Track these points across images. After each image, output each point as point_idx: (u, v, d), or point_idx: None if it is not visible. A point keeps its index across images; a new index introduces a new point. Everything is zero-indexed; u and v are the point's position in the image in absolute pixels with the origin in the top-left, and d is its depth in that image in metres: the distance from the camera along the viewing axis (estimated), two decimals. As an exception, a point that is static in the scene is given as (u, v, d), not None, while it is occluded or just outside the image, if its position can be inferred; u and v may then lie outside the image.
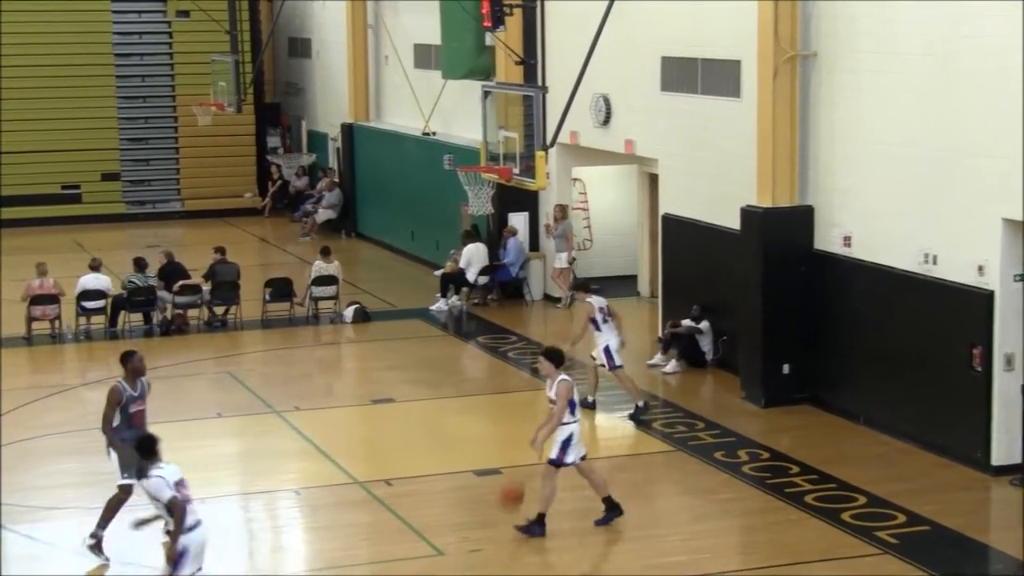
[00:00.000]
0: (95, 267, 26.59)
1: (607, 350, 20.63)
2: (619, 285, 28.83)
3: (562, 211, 28.26)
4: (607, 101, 26.19)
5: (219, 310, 27.14)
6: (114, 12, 40.28)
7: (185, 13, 39.99)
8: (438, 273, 28.91)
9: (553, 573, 15.20)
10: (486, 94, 26.36)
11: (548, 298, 28.68)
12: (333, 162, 39.06)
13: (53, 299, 25.98)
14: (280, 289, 27.62)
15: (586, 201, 30.01)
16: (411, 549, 15.88)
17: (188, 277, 27.26)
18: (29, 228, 37.72)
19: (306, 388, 23.02)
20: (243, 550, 16.40)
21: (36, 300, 25.89)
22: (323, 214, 37.16)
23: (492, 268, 28.37)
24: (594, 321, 20.62)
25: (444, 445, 19.84)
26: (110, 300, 26.37)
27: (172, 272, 27.16)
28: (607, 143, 26.58)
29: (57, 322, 26.14)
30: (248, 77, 37.77)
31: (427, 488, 17.95)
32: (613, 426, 20.85)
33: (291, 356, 25.39)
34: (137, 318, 26.66)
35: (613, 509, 16.42)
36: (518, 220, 28.97)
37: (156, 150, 40.94)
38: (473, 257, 28.21)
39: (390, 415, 21.53)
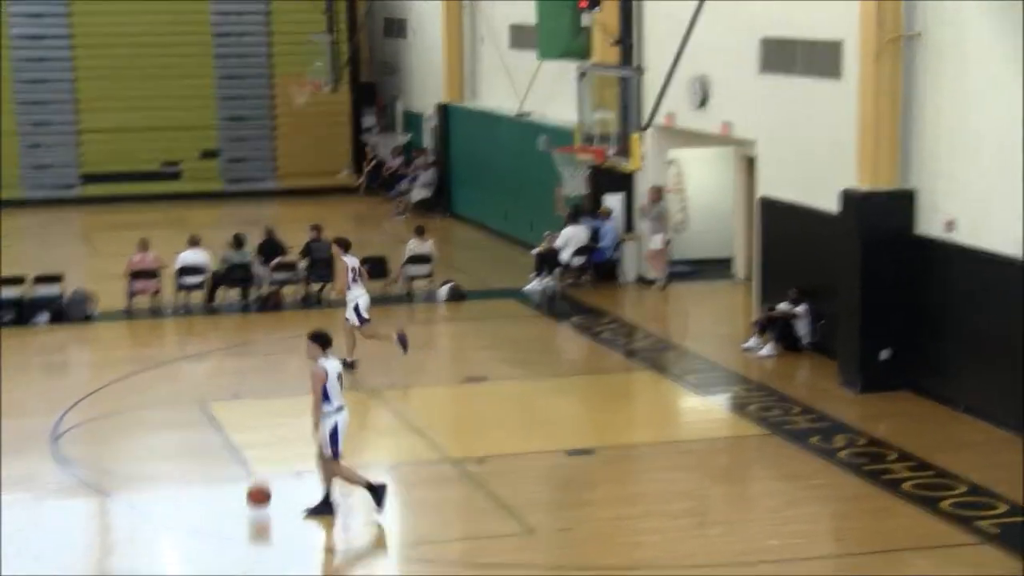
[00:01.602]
0: (194, 243, 26.86)
1: (356, 308, 21.86)
2: (713, 267, 28.74)
3: (657, 193, 28.17)
4: (704, 82, 26.06)
5: (315, 287, 27.32)
6: (213, -9, 40.68)
7: (284, -7, 40.28)
8: (533, 253, 28.91)
9: (644, 554, 15.17)
10: (582, 75, 26.34)
11: (642, 280, 28.60)
12: (428, 142, 39.16)
13: (153, 274, 26.29)
14: (375, 267, 27.73)
15: (681, 183, 29.88)
16: (502, 527, 15.93)
17: (285, 254, 27.47)
18: (130, 204, 38.18)
19: (400, 365, 23.07)
20: (338, 523, 16.51)
21: (137, 275, 26.21)
22: (418, 193, 37.29)
23: (588, 249, 28.34)
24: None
25: (536, 424, 19.87)
26: (209, 276, 26.63)
27: (270, 249, 27.38)
28: (704, 125, 26.45)
29: (157, 296, 26.43)
30: (344, 57, 37.96)
31: (519, 467, 17.98)
32: (708, 408, 20.79)
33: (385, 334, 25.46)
34: (234, 294, 26.90)
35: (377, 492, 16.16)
36: (613, 201, 28.91)
37: (254, 128, 41.26)
38: (572, 238, 28.18)
39: (483, 394, 21.59)
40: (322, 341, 15.99)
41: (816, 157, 22.74)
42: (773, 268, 24.16)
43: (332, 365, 15.92)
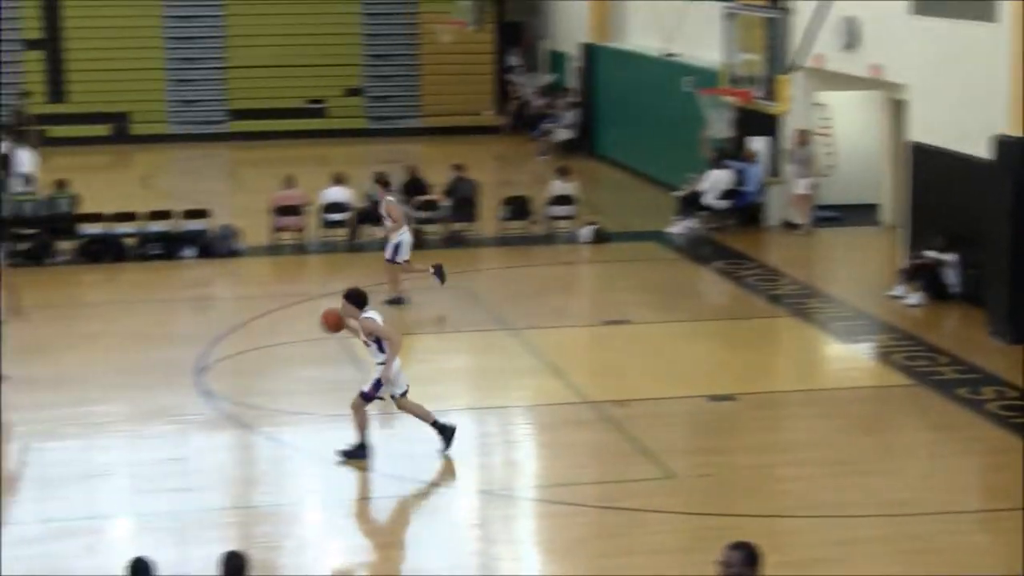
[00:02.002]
0: (339, 180, 27.02)
1: (397, 246, 22.27)
2: (860, 213, 28.29)
3: (804, 136, 27.77)
4: (854, 24, 25.57)
5: (457, 226, 27.38)
6: (361, -72, 40.75)
7: (430, -69, 40.24)
8: (676, 195, 28.69)
9: (785, 502, 15.04)
10: (729, 15, 26.02)
11: (787, 224, 28.25)
12: (573, 82, 38.98)
13: (298, 210, 26.51)
14: (517, 207, 27.75)
15: (829, 127, 29.40)
16: (641, 470, 15.88)
17: (428, 192, 27.54)
18: (274, 141, 38.52)
19: (541, 306, 23.09)
20: (474, 463, 16.59)
21: (282, 210, 26.45)
22: (561, 134, 37.17)
23: (732, 193, 28.05)
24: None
25: (678, 369, 19.77)
26: (352, 213, 26.80)
27: (413, 187, 27.48)
28: (852, 67, 25.98)
29: (301, 232, 26.66)
30: (490, -5, 37.90)
31: (659, 411, 17.91)
32: (853, 357, 20.53)
33: (527, 274, 25.51)
34: (377, 231, 26.99)
35: (444, 432, 16.27)
36: (758, 144, 28.56)
37: (398, 67, 41.35)
38: (715, 181, 27.90)
39: (624, 336, 21.51)
40: (357, 300, 15.90)
41: (968, 102, 22.23)
42: (922, 215, 23.72)
43: (378, 317, 15.98)
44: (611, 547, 14.06)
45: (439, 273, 22.84)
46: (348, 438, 16.88)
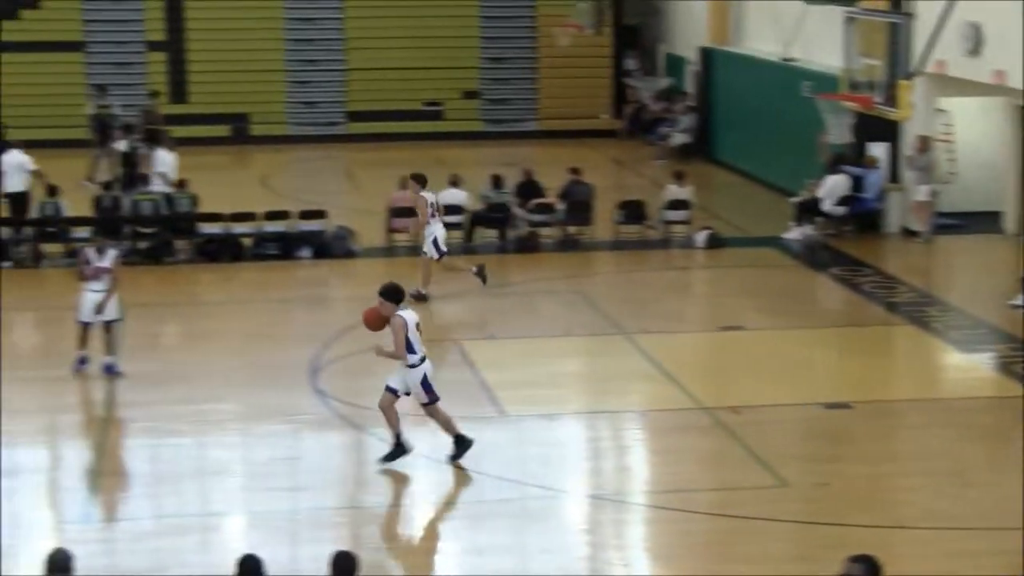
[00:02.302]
0: (454, 182, 27.07)
1: (434, 241, 22.68)
2: (982, 221, 27.84)
3: (925, 143, 27.37)
4: (978, 29, 25.15)
5: (572, 229, 27.32)
6: (480, -69, 40.84)
7: (550, -66, 40.22)
8: (794, 201, 28.41)
9: (901, 512, 14.81)
10: (849, 20, 25.75)
11: (906, 231, 27.87)
12: (690, 86, 38.77)
13: (414, 211, 26.52)
14: (633, 211, 27.64)
15: (950, 133, 28.98)
16: (755, 478, 15.72)
17: (543, 195, 27.51)
18: (391, 143, 38.67)
19: (655, 311, 22.98)
20: (587, 467, 16.53)
21: (397, 212, 26.54)
22: (678, 138, 36.98)
23: (850, 199, 27.72)
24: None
25: (793, 376, 19.54)
26: (468, 215, 26.83)
27: (528, 190, 27.46)
28: (975, 73, 25.54)
29: (417, 234, 26.68)
30: (608, -1, 37.83)
31: (774, 418, 17.72)
32: (972, 366, 20.19)
33: (641, 278, 25.40)
34: (492, 233, 27.06)
35: (461, 444, 16.08)
36: (878, 150, 28.20)
37: (515, 69, 41.36)
38: (834, 187, 27.57)
39: (739, 342, 21.32)
40: (393, 296, 15.83)
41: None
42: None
43: (410, 316, 15.83)
44: (722, 555, 13.94)
45: (481, 274, 23.19)
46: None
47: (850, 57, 25.92)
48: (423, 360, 15.84)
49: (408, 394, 16.00)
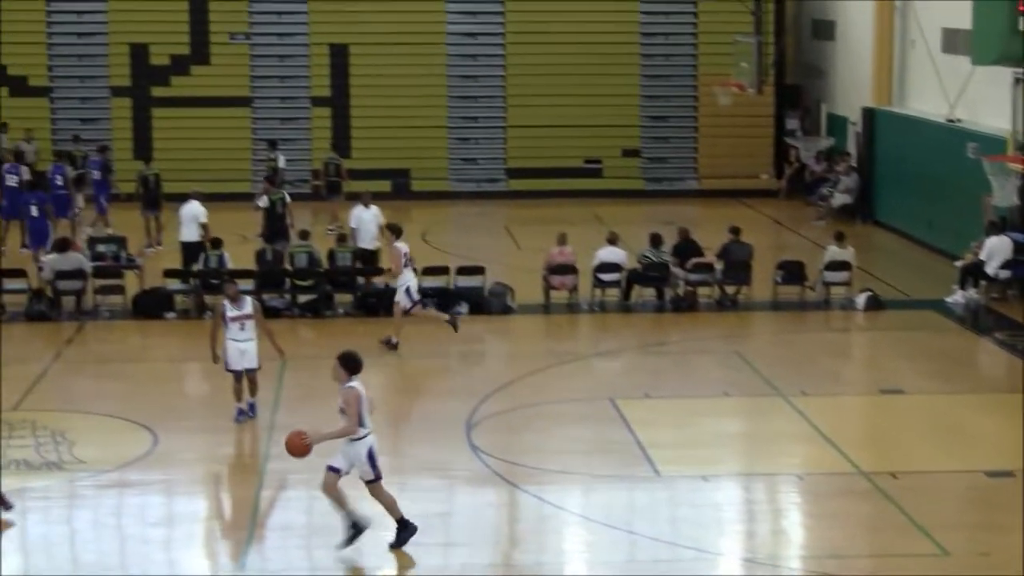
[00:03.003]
0: (612, 241, 27.05)
1: (407, 290, 23.30)
2: None
3: (1094, 206, 26.75)
4: None
5: (730, 289, 27.13)
6: (642, -9, 40.96)
7: (712, -7, 40.22)
8: (957, 264, 27.91)
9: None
10: (1017, 81, 25.31)
11: (1074, 296, 27.22)
12: (852, 146, 38.38)
13: (571, 269, 26.58)
14: (792, 272, 27.36)
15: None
16: (914, 545, 15.42)
17: (702, 255, 27.37)
18: (550, 200, 38.81)
19: (814, 373, 22.70)
20: (741, 530, 16.33)
21: (555, 270, 26.57)
22: (839, 198, 36.59)
23: (1016, 262, 27.15)
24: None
25: (955, 441, 19.15)
26: (625, 273, 26.78)
27: (686, 249, 27.34)
28: None
29: (574, 292, 26.71)
30: (770, 58, 37.63)
31: (934, 484, 17.38)
32: None
33: (800, 340, 25.12)
34: (650, 293, 26.96)
35: (405, 529, 15.36)
36: (1046, 213, 27.64)
37: (676, 128, 41.30)
38: (996, 250, 27.04)
39: (899, 406, 20.97)
40: (351, 364, 15.18)
41: None
42: None
43: (360, 388, 15.18)
44: (879, 624, 13.66)
45: (453, 323, 23.81)
46: (613, 499, 16.87)
47: (1018, 118, 25.44)
48: (369, 434, 15.22)
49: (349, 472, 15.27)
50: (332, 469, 15.21)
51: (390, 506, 15.41)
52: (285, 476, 17.55)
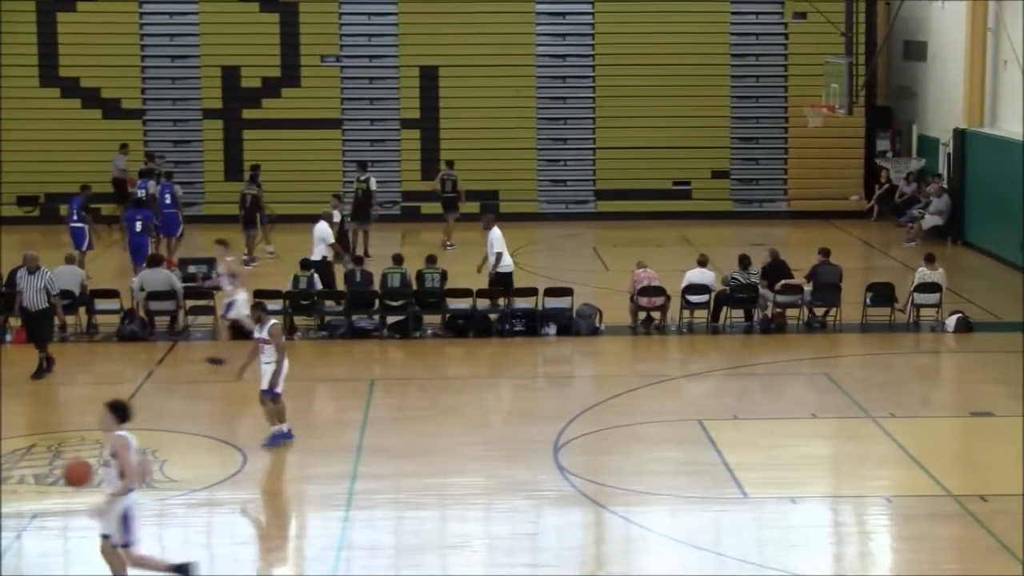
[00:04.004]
0: (702, 263, 27.00)
1: (231, 304, 23.57)
2: None
3: None
4: None
5: (819, 311, 27.00)
6: (732, 14, 40.79)
7: (802, 15, 40.03)
8: (1049, 286, 27.64)
9: None
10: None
11: None
12: (943, 167, 38.09)
13: (659, 290, 26.54)
14: (881, 293, 27.19)
15: None
16: (1005, 569, 15.30)
17: (791, 276, 27.26)
18: (639, 221, 38.81)
19: (903, 395, 22.55)
20: (829, 552, 16.26)
21: (643, 291, 26.56)
22: (930, 220, 36.32)
23: (1109, 284, 26.87)
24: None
25: (1046, 466, 18.95)
26: (713, 295, 26.73)
27: (775, 271, 27.24)
28: None
29: (662, 313, 26.66)
30: (861, 79, 37.42)
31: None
32: None
33: (889, 362, 24.94)
34: (738, 314, 26.89)
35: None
36: None
37: (765, 149, 41.16)
38: (1089, 272, 26.77)
39: (989, 429, 20.78)
40: (120, 413, 14.22)
41: None
42: None
43: (131, 438, 14.23)
44: (968, 648, 13.56)
45: (215, 360, 23.59)
46: (700, 521, 16.86)
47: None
48: (131, 491, 14.12)
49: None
50: (103, 536, 14.18)
51: (150, 566, 14.49)
52: (372, 496, 17.68)
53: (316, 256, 28.06)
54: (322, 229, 28.50)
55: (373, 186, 34.24)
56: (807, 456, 19.63)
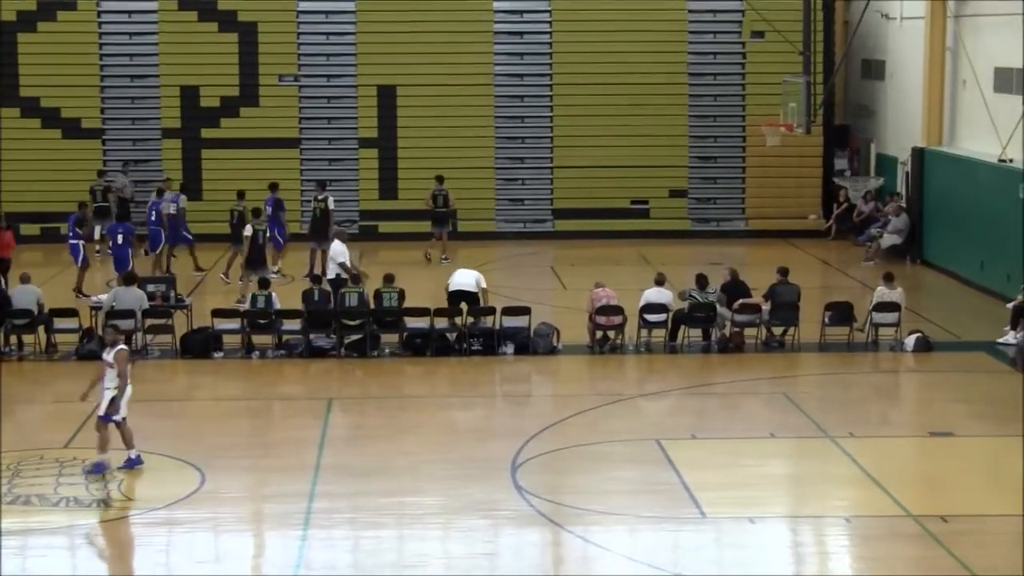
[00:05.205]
0: (659, 281, 26.96)
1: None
2: None
3: None
4: None
5: (777, 330, 27.00)
6: (690, 32, 40.82)
7: (760, 34, 40.15)
8: (1009, 306, 27.68)
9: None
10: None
11: None
12: (901, 186, 38.23)
13: (617, 309, 26.48)
14: (840, 313, 27.20)
15: None
16: (965, 590, 15.27)
17: (749, 295, 27.25)
18: (597, 241, 38.79)
19: (862, 415, 22.54)
20: (788, 573, 16.19)
21: (600, 310, 26.50)
22: (888, 239, 36.41)
23: (1066, 303, 26.93)
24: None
25: (1007, 486, 18.89)
26: (671, 314, 26.68)
27: (734, 290, 27.23)
28: None
29: (619, 332, 26.60)
30: (819, 98, 37.56)
31: (986, 528, 17.21)
32: None
33: (848, 381, 24.95)
34: (696, 334, 26.85)
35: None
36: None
37: (723, 168, 41.21)
38: (1049, 291, 26.86)
39: (949, 449, 20.77)
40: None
41: None
42: None
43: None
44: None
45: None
46: (658, 540, 16.79)
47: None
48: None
49: None
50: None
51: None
52: (331, 515, 17.54)
53: (330, 275, 28.07)
54: (336, 248, 28.55)
55: (331, 205, 34.11)
56: (766, 476, 19.58)
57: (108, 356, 19.26)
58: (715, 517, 17.53)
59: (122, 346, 19.42)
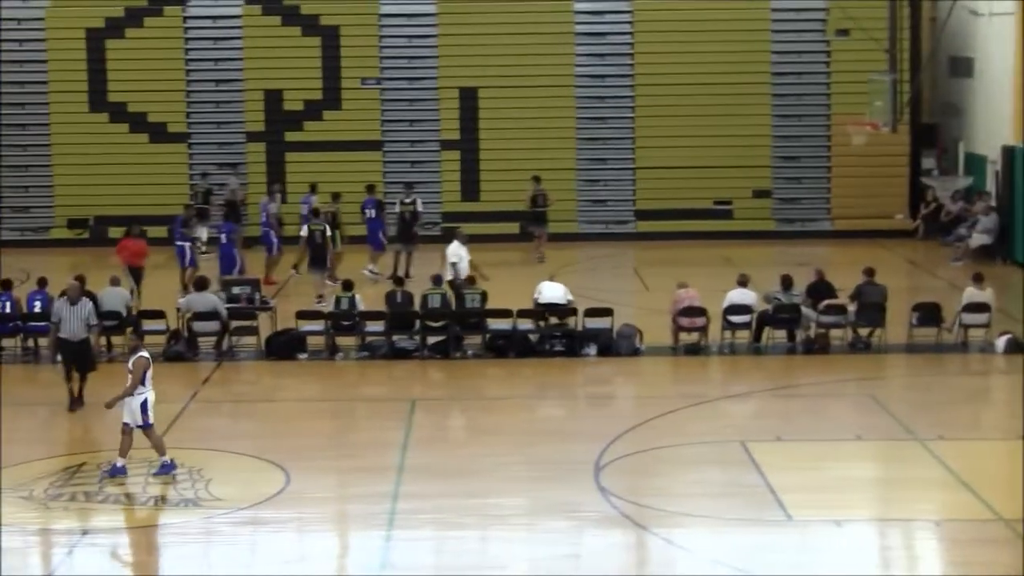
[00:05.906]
0: (743, 283, 26.77)
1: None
2: None
3: None
4: None
5: (864, 331, 26.71)
6: (773, 32, 40.62)
7: (845, 32, 39.77)
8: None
9: None
10: None
11: None
12: (991, 185, 37.75)
13: (701, 311, 26.32)
14: (928, 313, 26.86)
15: None
16: (1056, 595, 15.01)
17: (835, 296, 26.98)
18: (680, 241, 38.63)
19: (951, 417, 22.22)
20: (877, 577, 16.04)
21: (684, 311, 26.34)
22: (977, 239, 35.96)
23: None
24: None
25: (1098, 488, 18.60)
26: (755, 315, 26.48)
27: (819, 290, 26.97)
28: None
29: (703, 334, 26.44)
30: (905, 96, 37.17)
31: (1078, 532, 16.91)
32: None
33: (936, 383, 24.64)
34: (781, 335, 26.63)
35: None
36: None
37: (808, 168, 40.93)
38: None
39: (1040, 451, 20.46)
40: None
41: None
42: None
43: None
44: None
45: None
46: (742, 543, 16.63)
47: None
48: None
49: None
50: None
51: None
52: (414, 516, 17.53)
53: (448, 275, 28.23)
54: (450, 249, 29.29)
55: (420, 207, 34.21)
56: (852, 478, 19.36)
57: (128, 363, 19.30)
58: (800, 520, 17.35)
59: (142, 353, 19.37)
